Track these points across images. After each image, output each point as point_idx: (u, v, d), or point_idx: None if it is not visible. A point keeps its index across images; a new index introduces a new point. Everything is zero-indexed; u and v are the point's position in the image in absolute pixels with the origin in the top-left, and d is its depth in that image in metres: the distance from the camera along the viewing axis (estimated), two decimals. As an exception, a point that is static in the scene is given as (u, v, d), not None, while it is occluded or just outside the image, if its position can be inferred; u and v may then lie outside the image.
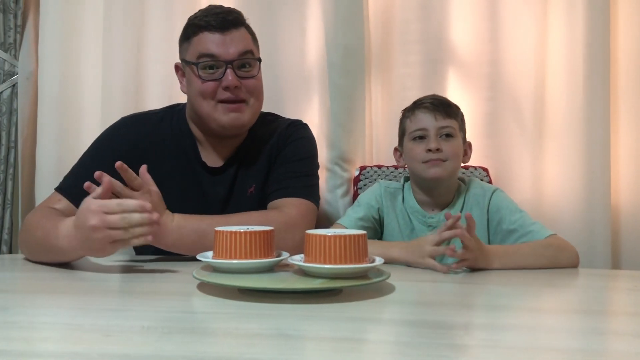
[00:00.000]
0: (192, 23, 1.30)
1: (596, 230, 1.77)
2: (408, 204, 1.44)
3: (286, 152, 1.38)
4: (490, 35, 1.89)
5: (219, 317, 0.74)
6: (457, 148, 1.39)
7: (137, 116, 1.41)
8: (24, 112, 1.99)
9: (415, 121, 1.41)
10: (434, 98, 1.44)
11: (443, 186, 1.40)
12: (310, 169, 1.40)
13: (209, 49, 1.27)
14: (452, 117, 1.40)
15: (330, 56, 1.89)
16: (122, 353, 0.57)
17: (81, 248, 1.03)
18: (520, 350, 0.60)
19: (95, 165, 1.22)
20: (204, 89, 1.27)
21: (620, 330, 0.73)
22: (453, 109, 1.43)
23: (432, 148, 1.35)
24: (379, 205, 1.44)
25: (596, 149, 1.78)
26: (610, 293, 1.05)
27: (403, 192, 1.47)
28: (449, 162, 1.37)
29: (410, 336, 0.66)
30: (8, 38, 1.97)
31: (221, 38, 1.27)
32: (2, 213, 1.96)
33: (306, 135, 1.45)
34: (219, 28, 1.27)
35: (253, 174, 1.37)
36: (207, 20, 1.27)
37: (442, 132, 1.38)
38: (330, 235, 0.85)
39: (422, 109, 1.41)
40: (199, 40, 1.28)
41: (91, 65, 2.00)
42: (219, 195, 1.35)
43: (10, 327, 0.67)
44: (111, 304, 0.82)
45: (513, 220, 1.35)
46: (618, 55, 1.84)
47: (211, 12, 1.30)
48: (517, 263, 1.20)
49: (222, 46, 1.27)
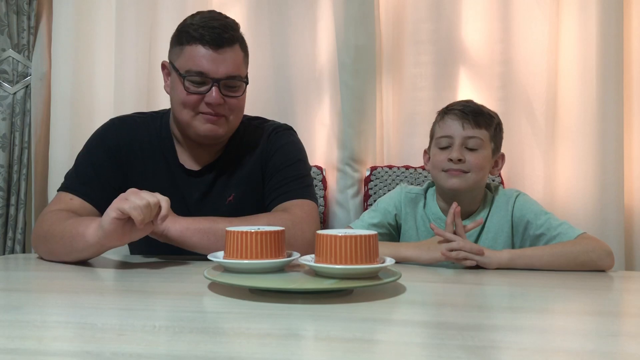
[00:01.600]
0: (187, 31, 1.27)
1: (609, 231, 1.75)
2: (430, 210, 1.40)
3: (274, 161, 1.38)
4: (501, 35, 1.88)
5: (230, 317, 0.74)
6: (483, 160, 1.32)
7: (123, 118, 1.43)
8: (37, 113, 2.00)
9: (443, 127, 1.36)
10: (465, 105, 1.37)
11: (466, 197, 1.35)
12: (302, 171, 1.39)
13: (200, 65, 1.25)
14: (482, 127, 1.33)
15: (341, 57, 1.88)
16: (134, 352, 0.57)
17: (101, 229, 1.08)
18: (532, 352, 0.59)
19: (90, 163, 1.33)
20: (187, 100, 1.27)
21: (634, 332, 0.72)
22: (485, 118, 1.35)
23: (453, 158, 1.30)
24: (396, 212, 1.41)
25: (609, 149, 1.76)
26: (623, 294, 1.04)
27: (425, 197, 1.42)
28: (470, 174, 1.31)
29: (421, 337, 0.66)
30: (22, 39, 1.98)
31: (213, 55, 1.25)
32: (16, 213, 1.98)
33: (290, 140, 1.43)
34: (213, 44, 1.25)
35: (234, 182, 1.38)
36: (202, 34, 1.25)
37: (468, 143, 1.32)
38: (341, 235, 0.85)
39: (452, 115, 1.35)
40: (191, 52, 1.26)
41: (104, 66, 2.01)
42: (193, 198, 1.36)
43: (24, 326, 0.67)
44: (123, 303, 0.83)
45: (539, 224, 1.31)
46: (631, 55, 1.83)
47: (208, 24, 1.26)
48: (534, 262, 1.17)
49: (212, 64, 1.25)
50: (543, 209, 1.35)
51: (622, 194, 1.78)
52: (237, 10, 2.01)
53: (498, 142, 1.38)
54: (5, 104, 1.97)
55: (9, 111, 1.98)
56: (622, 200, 1.77)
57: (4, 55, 1.98)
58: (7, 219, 1.98)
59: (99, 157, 1.34)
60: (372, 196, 1.86)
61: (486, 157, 1.33)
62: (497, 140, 1.38)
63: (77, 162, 1.36)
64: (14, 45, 1.98)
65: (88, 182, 1.30)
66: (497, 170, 1.42)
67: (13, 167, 1.99)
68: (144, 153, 1.37)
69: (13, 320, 0.70)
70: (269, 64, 1.98)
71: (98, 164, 1.33)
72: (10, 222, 1.98)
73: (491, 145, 1.35)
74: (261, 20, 1.96)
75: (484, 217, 1.35)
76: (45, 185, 2.00)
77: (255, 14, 1.99)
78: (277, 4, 1.98)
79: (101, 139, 1.38)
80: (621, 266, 1.76)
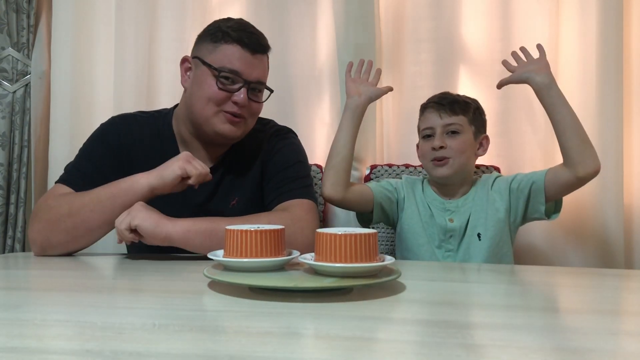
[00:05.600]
0: (225, 31, 1.31)
1: (609, 230, 1.75)
2: (427, 194, 1.53)
3: (274, 162, 1.40)
4: (501, 34, 1.88)
5: (230, 316, 0.74)
6: (463, 144, 1.45)
7: (125, 116, 1.44)
8: (37, 111, 2.00)
9: (424, 120, 1.50)
10: (441, 96, 1.50)
11: (455, 179, 1.47)
12: (302, 172, 1.41)
13: (236, 64, 1.29)
14: (460, 114, 1.45)
15: (341, 55, 1.88)
16: (134, 351, 0.57)
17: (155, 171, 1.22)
18: (532, 350, 0.59)
19: (90, 158, 1.35)
20: (216, 95, 1.29)
21: (634, 331, 0.72)
22: (460, 105, 1.46)
23: (435, 146, 1.43)
24: (400, 191, 1.55)
25: (609, 147, 1.76)
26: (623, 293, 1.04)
27: (422, 185, 1.55)
28: (453, 159, 1.44)
29: (421, 335, 0.66)
30: (21, 38, 1.98)
31: (249, 58, 1.31)
32: (16, 211, 1.98)
33: (290, 142, 1.46)
34: (250, 48, 1.31)
35: (238, 186, 1.39)
36: (240, 35, 1.30)
37: (447, 130, 1.44)
38: (341, 234, 0.85)
39: (429, 108, 1.48)
40: (229, 50, 1.30)
41: (103, 64, 2.01)
42: (196, 200, 1.36)
43: (24, 324, 0.67)
44: (123, 301, 0.83)
45: (514, 184, 1.46)
46: (631, 54, 1.83)
47: (247, 29, 1.33)
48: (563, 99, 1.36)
49: (248, 66, 1.31)
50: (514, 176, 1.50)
51: (621, 193, 1.77)
52: (236, 9, 2.01)
53: (479, 124, 1.50)
54: (4, 103, 1.97)
55: (9, 109, 1.98)
56: (621, 199, 1.77)
57: (4, 53, 1.98)
58: (7, 218, 1.98)
59: (99, 152, 1.35)
60: (372, 195, 1.86)
61: (467, 141, 1.46)
62: (477, 124, 1.49)
63: (78, 156, 1.37)
64: (13, 44, 1.98)
65: (86, 176, 1.31)
66: (482, 151, 1.52)
67: (13, 165, 1.99)
68: (145, 152, 1.37)
69: (13, 319, 0.69)
70: (269, 63, 1.98)
71: (97, 160, 1.34)
72: (10, 220, 1.98)
73: (472, 129, 1.47)
74: (261, 19, 1.96)
75: (472, 197, 1.49)
76: (45, 183, 2.00)
77: (255, 13, 1.99)
78: (276, 2, 1.97)
79: (102, 135, 1.38)
80: (621, 265, 1.76)
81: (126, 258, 1.28)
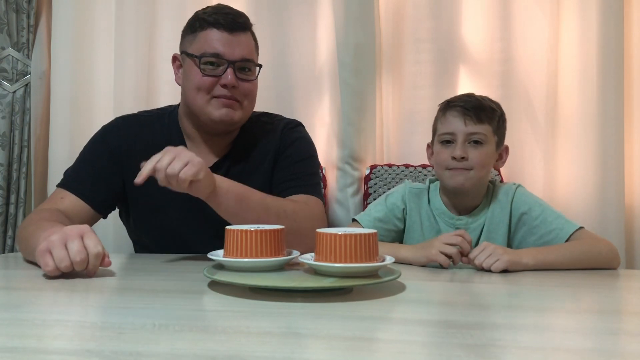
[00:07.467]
0: (201, 18, 1.31)
1: (609, 230, 1.75)
2: (434, 205, 1.39)
3: (287, 154, 1.39)
4: (502, 34, 1.88)
5: (230, 315, 0.74)
6: (486, 156, 1.32)
7: (128, 117, 1.43)
8: (37, 112, 2.00)
9: (445, 123, 1.34)
10: (467, 100, 1.34)
11: (469, 193, 1.35)
12: (312, 169, 1.41)
13: (215, 47, 1.28)
14: (485, 122, 1.31)
15: (341, 55, 1.88)
16: (135, 351, 0.57)
17: None
18: (532, 350, 0.59)
19: (93, 162, 1.34)
20: (202, 82, 1.28)
21: (634, 331, 0.72)
22: (487, 113, 1.32)
23: (456, 156, 1.29)
24: (404, 206, 1.40)
25: (610, 147, 1.76)
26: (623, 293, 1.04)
27: (429, 193, 1.41)
28: (473, 171, 1.30)
29: (421, 335, 0.66)
30: (21, 38, 1.98)
31: (228, 38, 1.29)
32: (15, 211, 1.98)
33: (302, 135, 1.46)
34: (227, 28, 1.29)
35: (245, 178, 1.37)
36: (216, 18, 1.29)
37: (470, 139, 1.31)
38: (341, 234, 0.85)
39: (453, 112, 1.33)
40: (206, 35, 1.29)
41: (103, 64, 2.01)
42: None
43: (23, 324, 0.67)
44: (123, 302, 0.83)
45: (534, 216, 1.31)
46: (632, 53, 1.83)
47: (222, 11, 1.31)
48: (550, 258, 1.17)
49: (227, 46, 1.28)
50: (540, 200, 1.36)
51: (622, 192, 1.77)
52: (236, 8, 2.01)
53: (501, 134, 1.37)
54: (4, 103, 1.97)
55: (9, 109, 1.98)
56: (622, 198, 1.77)
57: (4, 53, 1.98)
58: (7, 218, 1.98)
59: (98, 156, 1.35)
60: (372, 195, 1.86)
61: (489, 153, 1.33)
62: (500, 133, 1.36)
63: (78, 160, 1.37)
64: (13, 44, 1.98)
65: (85, 179, 1.30)
66: (501, 163, 1.40)
67: (13, 165, 1.99)
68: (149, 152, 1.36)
69: (13, 319, 0.69)
70: (268, 63, 1.98)
71: (97, 163, 1.33)
72: (10, 220, 1.98)
73: (495, 139, 1.34)
74: (261, 19, 1.96)
75: (485, 212, 1.36)
76: (45, 183, 2.00)
77: (255, 13, 1.99)
78: (277, 2, 1.97)
79: (103, 138, 1.38)
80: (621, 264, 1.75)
81: (126, 258, 1.28)
